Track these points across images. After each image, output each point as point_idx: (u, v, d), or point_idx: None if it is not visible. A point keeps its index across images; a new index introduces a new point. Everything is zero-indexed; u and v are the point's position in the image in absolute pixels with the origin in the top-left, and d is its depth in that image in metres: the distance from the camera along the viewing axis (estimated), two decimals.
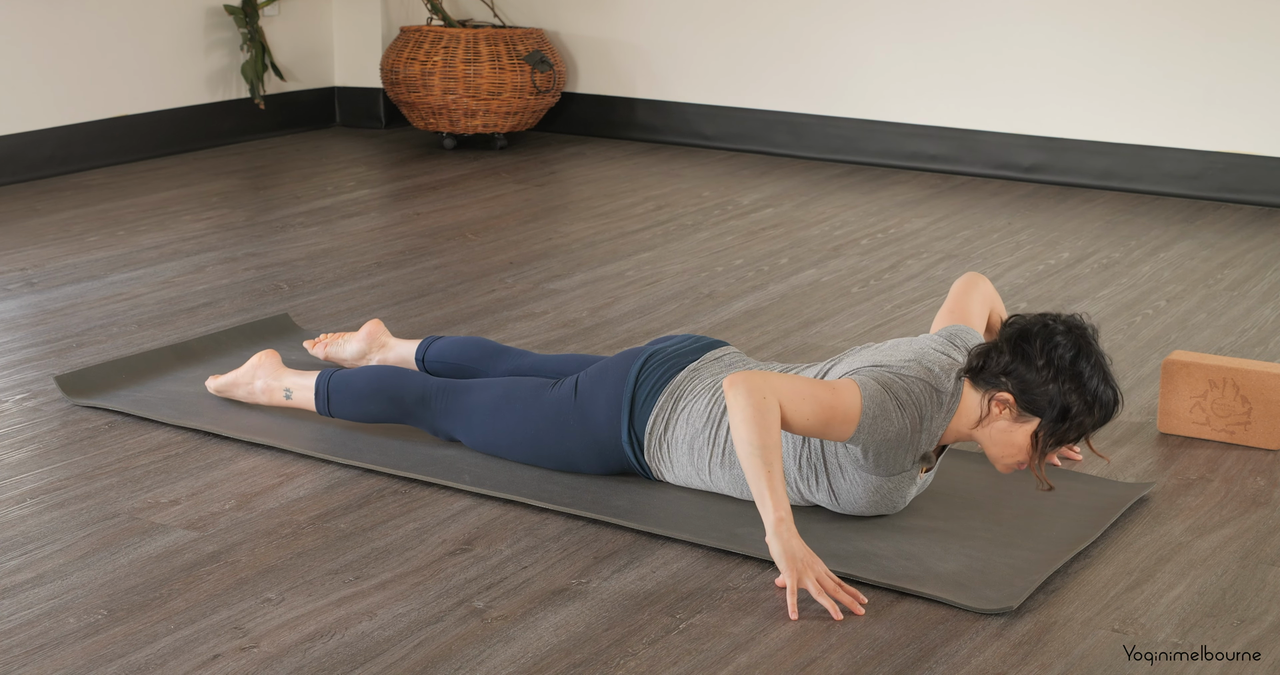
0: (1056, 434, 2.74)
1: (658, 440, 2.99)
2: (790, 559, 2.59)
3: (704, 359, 3.07)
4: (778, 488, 2.62)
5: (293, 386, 3.34)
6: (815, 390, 2.71)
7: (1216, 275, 4.71)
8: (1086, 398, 2.72)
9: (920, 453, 2.81)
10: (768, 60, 6.40)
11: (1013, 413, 2.75)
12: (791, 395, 2.69)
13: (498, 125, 6.40)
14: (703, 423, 2.95)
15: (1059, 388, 2.71)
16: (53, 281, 4.45)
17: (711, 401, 2.96)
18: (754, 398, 2.65)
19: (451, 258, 4.80)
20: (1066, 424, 2.73)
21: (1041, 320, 2.77)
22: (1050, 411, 2.72)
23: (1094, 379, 2.72)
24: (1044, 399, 2.72)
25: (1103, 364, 2.75)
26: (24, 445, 3.25)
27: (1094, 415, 2.74)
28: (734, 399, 2.66)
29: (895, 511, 2.92)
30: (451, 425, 3.18)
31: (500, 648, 2.45)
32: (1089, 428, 2.75)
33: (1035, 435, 2.75)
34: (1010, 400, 2.74)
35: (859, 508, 2.88)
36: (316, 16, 6.79)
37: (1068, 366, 2.71)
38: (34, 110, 5.74)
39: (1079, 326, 2.77)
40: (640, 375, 3.02)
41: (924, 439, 2.80)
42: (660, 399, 2.99)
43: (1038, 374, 2.72)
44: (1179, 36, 5.72)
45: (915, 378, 2.80)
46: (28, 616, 2.53)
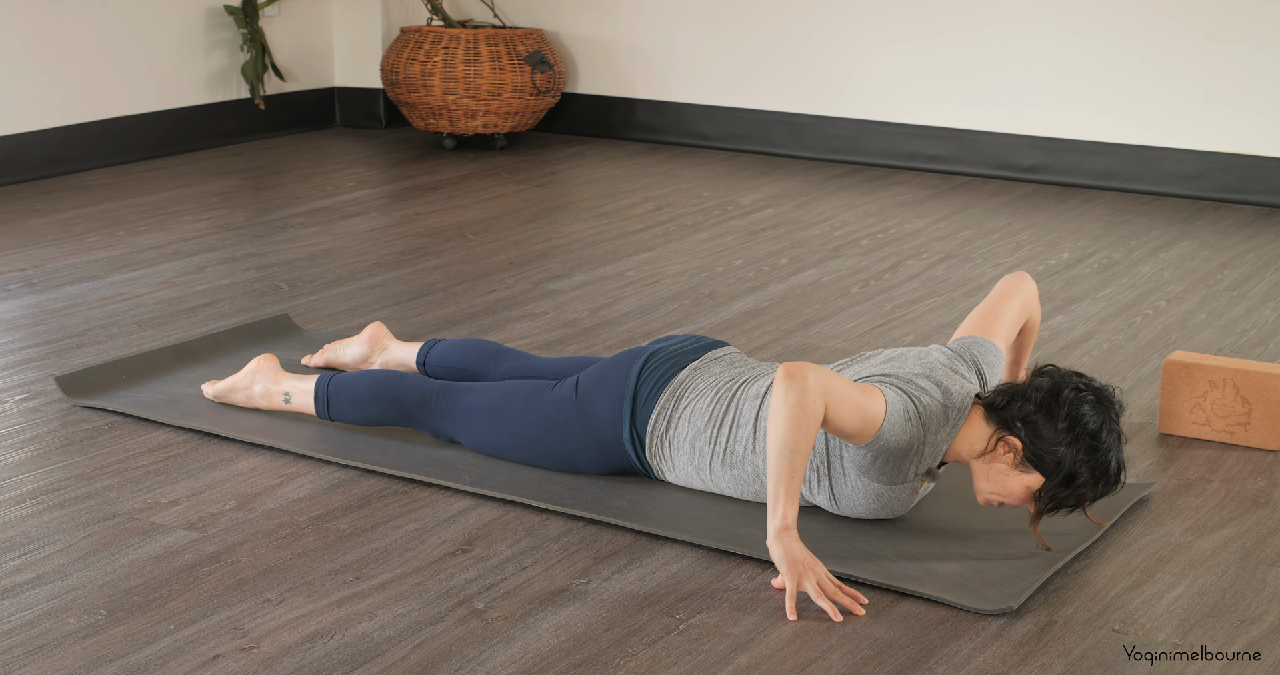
0: (1056, 498, 2.73)
1: (659, 439, 2.99)
2: (791, 561, 2.59)
3: (705, 358, 3.07)
4: (793, 494, 2.61)
5: (292, 390, 3.33)
6: (855, 393, 2.70)
7: (1216, 276, 4.71)
8: (1095, 471, 2.71)
9: (925, 466, 2.81)
10: (768, 61, 6.40)
11: (1015, 459, 2.75)
12: (838, 397, 2.67)
13: (498, 125, 6.40)
14: (704, 422, 2.95)
15: (1072, 453, 2.70)
16: (53, 282, 4.45)
17: (714, 400, 2.95)
18: (806, 398, 2.62)
19: (451, 258, 4.80)
20: (1069, 491, 2.72)
21: (1075, 383, 2.76)
22: (1056, 474, 2.72)
23: (1107, 454, 2.72)
24: (1052, 459, 2.71)
25: (1118, 442, 2.75)
26: (24, 445, 3.25)
27: (1096, 489, 2.74)
28: (785, 392, 2.62)
29: (894, 518, 2.92)
30: (451, 427, 3.18)
31: (500, 648, 2.45)
32: (1088, 499, 2.75)
33: (1036, 495, 2.74)
34: (1019, 447, 2.74)
35: (858, 513, 2.88)
36: (316, 17, 6.79)
37: (1086, 437, 2.71)
38: (35, 110, 5.74)
39: (1109, 400, 2.76)
40: (641, 374, 3.02)
41: (928, 453, 2.80)
42: (662, 397, 2.99)
43: (1055, 433, 2.71)
44: (1179, 37, 5.72)
45: (928, 392, 2.80)
46: (28, 617, 2.53)
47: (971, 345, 2.99)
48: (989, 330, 3.06)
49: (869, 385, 2.76)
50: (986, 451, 2.77)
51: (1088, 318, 4.25)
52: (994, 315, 3.09)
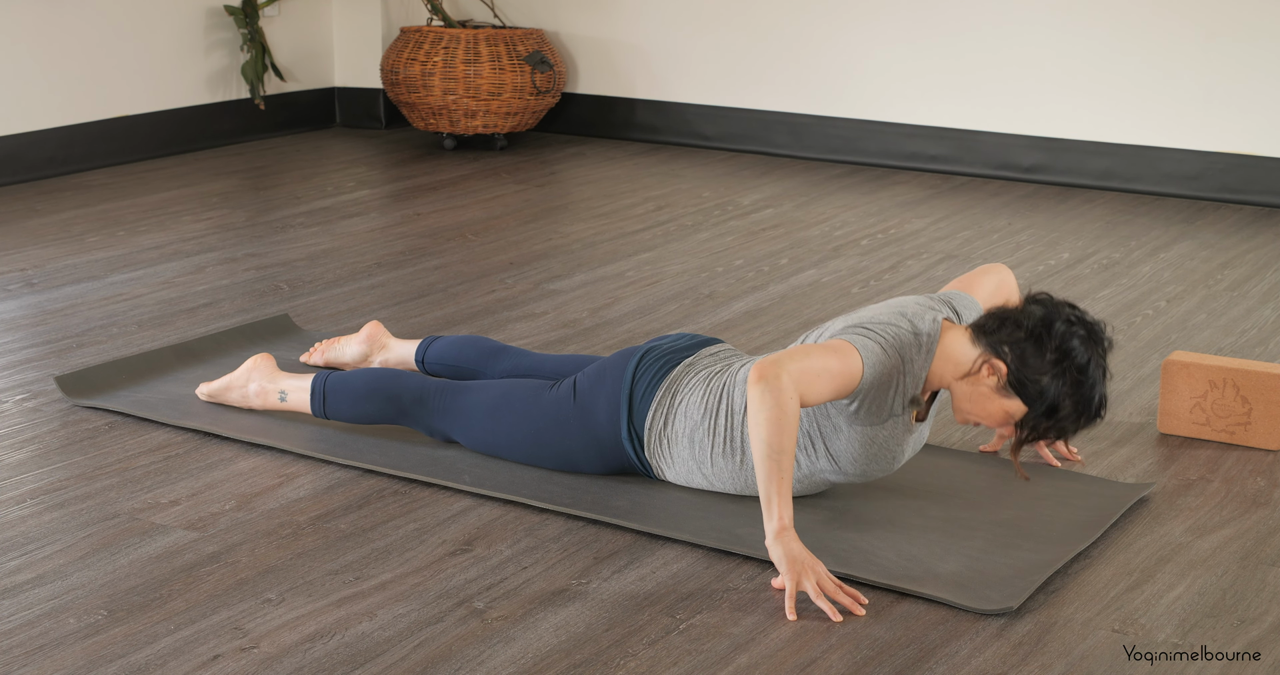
0: (1038, 429, 2.77)
1: (657, 435, 3.00)
2: (791, 561, 2.59)
3: (699, 354, 3.07)
4: (786, 494, 2.62)
5: (288, 388, 3.33)
6: (827, 363, 2.73)
7: (1216, 276, 4.71)
8: (1078, 404, 2.75)
9: (908, 396, 2.83)
10: (768, 61, 6.40)
11: (999, 383, 2.78)
12: (813, 376, 2.70)
13: (498, 126, 6.40)
14: (700, 415, 2.95)
15: (1057, 385, 2.73)
16: (53, 282, 4.45)
17: (706, 392, 2.96)
18: (781, 397, 2.64)
19: (452, 258, 4.80)
20: (1050, 422, 2.76)
21: (1068, 315, 2.78)
22: (1039, 404, 2.75)
23: (1092, 389, 2.75)
24: (1036, 388, 2.74)
25: (1104, 377, 2.78)
26: (24, 446, 3.25)
27: (1078, 422, 2.77)
28: (760, 395, 2.65)
29: (895, 467, 2.93)
30: (449, 425, 3.17)
31: (500, 648, 2.45)
32: (1068, 432, 2.78)
33: (1018, 424, 2.78)
34: (1004, 372, 2.77)
35: (859, 466, 2.88)
36: (316, 17, 6.79)
37: (1074, 370, 2.73)
38: (35, 110, 5.74)
39: (1099, 335, 2.78)
40: (637, 372, 3.03)
41: (909, 382, 2.82)
42: (658, 394, 2.99)
43: (1043, 363, 2.74)
44: (1179, 37, 5.72)
45: (891, 323, 2.84)
46: (28, 617, 2.53)
47: (950, 296, 3.03)
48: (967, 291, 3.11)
49: (839, 343, 2.78)
50: (971, 373, 2.80)
51: None
52: (970, 285, 3.15)
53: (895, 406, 2.83)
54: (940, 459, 3.24)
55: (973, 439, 3.37)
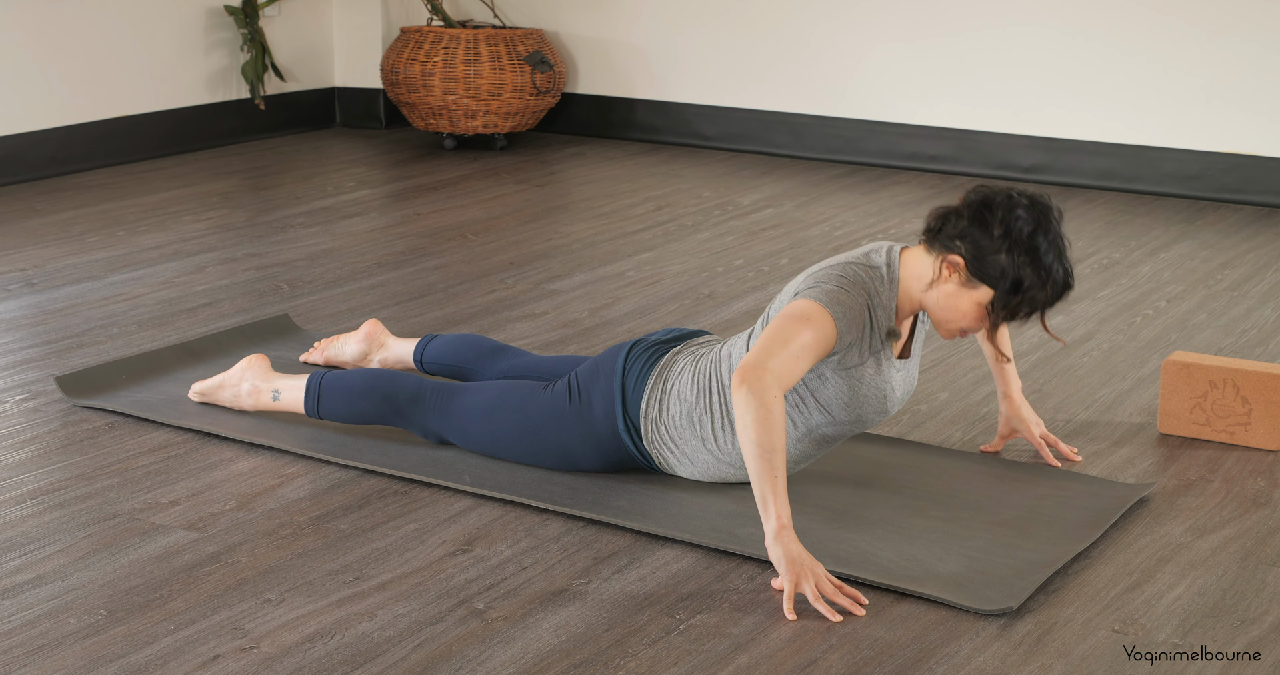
0: (1009, 307, 2.80)
1: (653, 423, 3.00)
2: (790, 563, 2.59)
3: (686, 344, 3.09)
4: (781, 492, 2.62)
5: (281, 387, 3.33)
6: (802, 339, 2.75)
7: (1217, 276, 4.71)
8: (1040, 273, 2.78)
9: (884, 329, 2.85)
10: (768, 61, 6.40)
11: (961, 277, 2.80)
12: (790, 363, 2.72)
13: (498, 126, 6.40)
14: (694, 395, 2.96)
15: (1012, 259, 2.77)
16: (53, 282, 4.45)
17: (695, 373, 2.97)
18: (765, 397, 2.65)
19: (452, 258, 4.80)
20: (1019, 297, 2.78)
21: (1006, 192, 2.82)
22: (1002, 282, 2.78)
23: (1049, 255, 2.78)
24: (995, 268, 2.77)
25: (1060, 243, 2.81)
26: (24, 446, 3.25)
27: (1046, 291, 2.79)
28: (744, 399, 2.66)
29: (889, 408, 2.94)
30: (445, 425, 3.17)
31: (500, 648, 2.45)
32: (1040, 304, 2.80)
33: (988, 307, 2.80)
34: (961, 264, 2.79)
35: (852, 411, 2.89)
36: (316, 17, 6.79)
37: (1024, 239, 2.77)
38: (35, 111, 5.74)
39: (1043, 204, 2.83)
40: (627, 363, 3.03)
41: (881, 315, 2.85)
42: (649, 383, 3.00)
43: (992, 242, 2.78)
44: (1179, 37, 5.72)
45: (845, 263, 2.86)
46: (28, 617, 2.53)
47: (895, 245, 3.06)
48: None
49: (805, 306, 2.79)
50: (934, 280, 2.82)
51: (1088, 318, 4.25)
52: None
53: (875, 342, 2.85)
54: (940, 459, 3.24)
55: (973, 439, 3.38)
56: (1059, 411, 3.53)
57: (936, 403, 3.58)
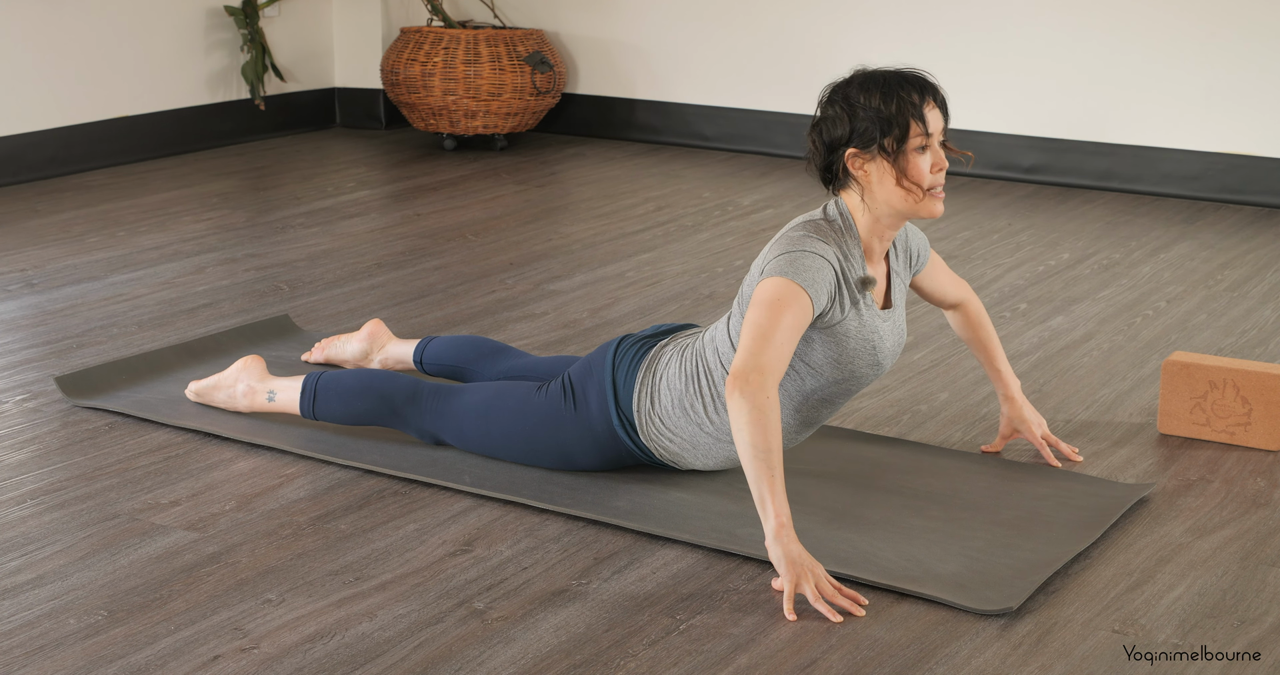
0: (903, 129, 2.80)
1: (646, 415, 3.00)
2: (790, 563, 2.59)
3: (674, 336, 3.10)
4: (779, 492, 2.62)
5: (277, 388, 3.33)
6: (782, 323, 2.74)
7: (1217, 276, 4.71)
8: (880, 88, 2.81)
9: (857, 277, 2.86)
10: (768, 61, 6.40)
11: (867, 158, 2.83)
12: (778, 355, 2.72)
13: (498, 126, 6.40)
14: (683, 384, 2.96)
15: (862, 107, 2.81)
16: (53, 282, 4.45)
17: (681, 362, 2.98)
18: (758, 399, 2.66)
19: (452, 258, 4.80)
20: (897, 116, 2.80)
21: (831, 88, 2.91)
22: (881, 125, 2.81)
23: (877, 81, 2.82)
24: (865, 125, 2.81)
25: (878, 70, 2.85)
26: (24, 446, 3.25)
27: (904, 91, 2.81)
28: (739, 403, 2.66)
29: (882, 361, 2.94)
30: (441, 426, 3.17)
31: (500, 649, 2.45)
32: (913, 102, 2.81)
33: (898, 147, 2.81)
34: (855, 151, 2.83)
35: (844, 368, 2.90)
36: (316, 17, 6.79)
37: (847, 88, 2.84)
38: (35, 111, 5.74)
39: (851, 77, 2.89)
40: (616, 359, 3.04)
41: (854, 265, 2.87)
42: (639, 375, 3.00)
43: (841, 123, 2.83)
44: (1179, 37, 5.72)
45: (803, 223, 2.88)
46: (28, 617, 2.53)
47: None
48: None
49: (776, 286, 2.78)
50: (863, 187, 2.86)
51: (1088, 318, 4.26)
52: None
53: (852, 294, 2.86)
54: (940, 459, 3.24)
55: (973, 440, 3.38)
56: (1059, 411, 3.53)
57: (936, 403, 3.58)
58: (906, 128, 2.81)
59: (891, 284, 2.99)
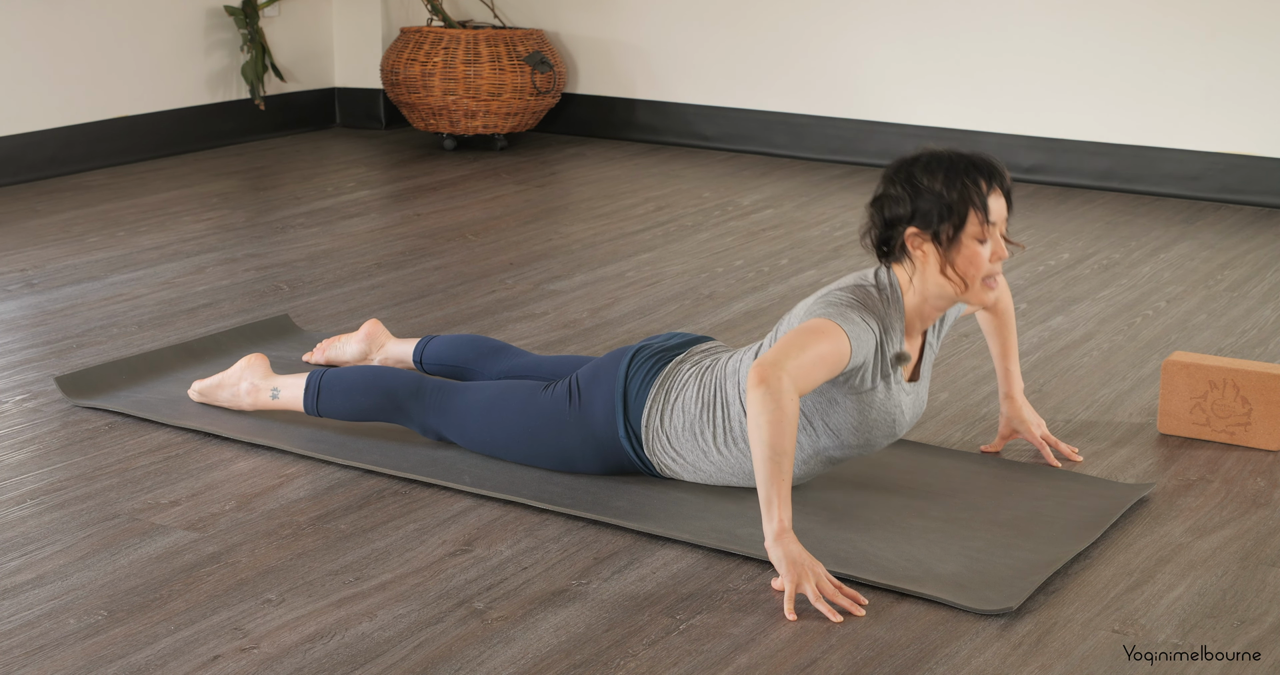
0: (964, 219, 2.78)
1: (654, 432, 2.99)
2: (790, 563, 2.59)
3: (689, 351, 3.08)
4: (785, 495, 2.62)
5: (280, 385, 3.33)
6: (819, 349, 2.73)
7: (1217, 276, 4.71)
8: (948, 174, 2.78)
9: (893, 352, 2.85)
10: (768, 61, 6.40)
11: (925, 239, 2.82)
12: (807, 369, 2.70)
13: (498, 126, 6.40)
14: (698, 409, 2.95)
15: (927, 189, 2.78)
16: (53, 282, 4.45)
17: (700, 387, 2.96)
18: (781, 399, 2.64)
19: (452, 258, 4.80)
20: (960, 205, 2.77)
21: (897, 165, 2.85)
22: (939, 208, 2.78)
23: (944, 163, 2.79)
24: (926, 207, 2.79)
25: (948, 150, 2.81)
26: (24, 446, 3.25)
27: (971, 180, 2.78)
28: (761, 399, 2.64)
29: (898, 432, 2.93)
30: (444, 422, 3.17)
31: (500, 649, 2.45)
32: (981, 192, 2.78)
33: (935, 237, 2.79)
34: (915, 231, 2.81)
35: (861, 435, 2.89)
36: (316, 17, 6.79)
37: (913, 167, 2.80)
38: (35, 111, 5.74)
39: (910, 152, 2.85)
40: (630, 370, 3.03)
41: (893, 338, 2.85)
42: (652, 391, 3.00)
43: (903, 202, 2.81)
44: (1179, 37, 5.72)
45: (856, 285, 2.87)
46: (28, 617, 2.53)
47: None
48: None
49: (821, 323, 2.78)
50: (916, 267, 2.84)
51: (1088, 318, 4.26)
52: None
53: (885, 367, 2.84)
54: (940, 459, 3.24)
55: (973, 440, 3.38)
56: (1059, 411, 3.53)
57: (936, 403, 3.58)
58: (966, 215, 2.79)
59: (923, 356, 2.98)
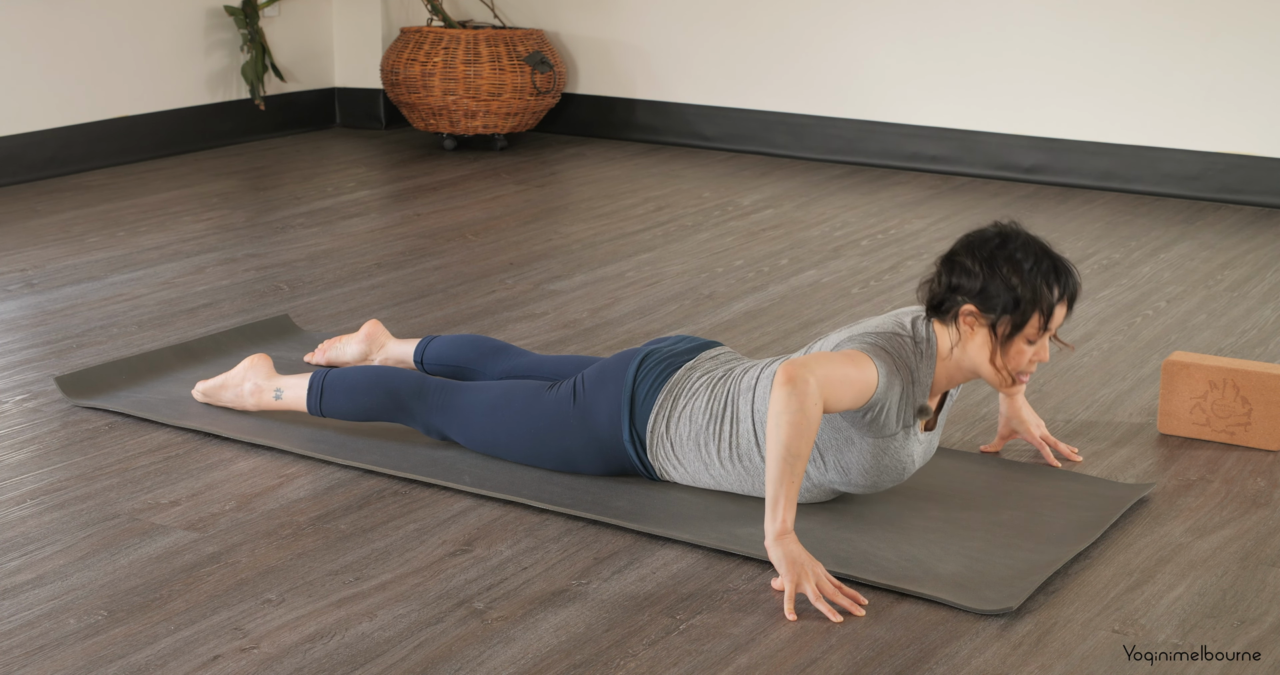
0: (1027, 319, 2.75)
1: (659, 438, 2.99)
2: (790, 563, 2.59)
3: (700, 357, 3.07)
4: (792, 497, 2.62)
5: (284, 386, 3.33)
6: (848, 371, 2.72)
7: (1216, 276, 4.71)
8: (1030, 274, 2.74)
9: (917, 405, 2.83)
10: (768, 61, 6.40)
11: (979, 321, 2.78)
12: (835, 384, 2.69)
13: (498, 126, 6.40)
14: (705, 419, 2.95)
15: (1001, 278, 2.75)
16: (53, 282, 4.45)
17: (710, 397, 2.96)
18: (807, 402, 2.63)
19: (452, 258, 4.80)
20: (1028, 306, 2.74)
21: (964, 237, 2.82)
22: (1005, 300, 2.75)
23: (1029, 259, 2.75)
24: (996, 294, 2.75)
25: (1035, 243, 2.78)
26: (24, 446, 3.25)
27: (1047, 286, 2.75)
28: (787, 398, 2.63)
29: (905, 477, 2.92)
30: (447, 422, 3.17)
31: (500, 649, 2.45)
32: (1048, 300, 2.75)
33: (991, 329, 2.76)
34: (973, 309, 2.77)
35: (869, 477, 2.87)
36: (316, 17, 6.79)
37: (999, 255, 2.76)
38: (35, 111, 5.74)
39: (1001, 225, 2.81)
40: (638, 375, 3.02)
41: (918, 391, 2.82)
42: (660, 397, 2.99)
43: (974, 278, 2.77)
44: (1179, 37, 5.72)
45: (893, 332, 2.83)
46: (28, 617, 2.53)
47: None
48: None
49: (853, 352, 2.77)
50: (959, 340, 2.80)
51: (1088, 318, 4.26)
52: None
53: (906, 416, 2.83)
54: (940, 459, 3.24)
55: (973, 439, 3.38)
56: (1059, 411, 3.53)
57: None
58: (1029, 318, 2.76)
59: (942, 407, 2.97)
